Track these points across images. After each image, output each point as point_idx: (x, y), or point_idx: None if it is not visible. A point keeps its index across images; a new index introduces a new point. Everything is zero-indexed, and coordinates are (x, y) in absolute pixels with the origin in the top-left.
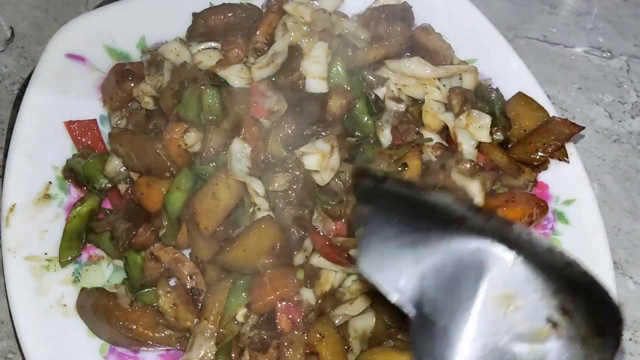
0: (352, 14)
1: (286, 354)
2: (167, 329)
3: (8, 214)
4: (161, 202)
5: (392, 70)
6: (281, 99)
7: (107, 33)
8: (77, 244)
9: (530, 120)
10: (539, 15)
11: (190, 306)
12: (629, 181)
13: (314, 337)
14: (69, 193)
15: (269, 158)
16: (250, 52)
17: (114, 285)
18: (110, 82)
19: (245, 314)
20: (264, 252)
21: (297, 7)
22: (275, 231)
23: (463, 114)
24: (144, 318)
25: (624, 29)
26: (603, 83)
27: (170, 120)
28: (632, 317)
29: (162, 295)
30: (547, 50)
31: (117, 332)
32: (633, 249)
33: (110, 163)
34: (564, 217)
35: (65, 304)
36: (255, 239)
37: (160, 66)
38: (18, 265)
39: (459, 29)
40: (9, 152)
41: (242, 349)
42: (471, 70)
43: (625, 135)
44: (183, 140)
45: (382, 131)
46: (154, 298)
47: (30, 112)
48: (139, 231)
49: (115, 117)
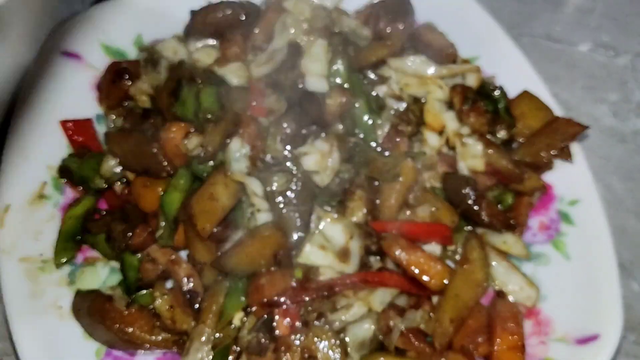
0: (352, 11)
1: (284, 357)
2: (163, 332)
3: (2, 215)
4: (158, 202)
5: (393, 68)
6: (280, 98)
7: (103, 31)
8: (73, 245)
9: (535, 119)
10: (543, 13)
11: (187, 308)
12: (633, 181)
13: (312, 341)
14: (64, 193)
15: (267, 158)
16: (249, 50)
17: (109, 287)
18: (106, 80)
19: (242, 318)
20: (266, 259)
21: (297, 4)
22: (278, 238)
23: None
24: (140, 321)
25: (629, 27)
26: (608, 81)
27: (168, 119)
28: (637, 319)
29: (158, 297)
30: (551, 49)
31: (113, 335)
32: (638, 250)
33: (106, 163)
34: (568, 217)
35: (60, 306)
36: (258, 245)
37: (157, 64)
38: (13, 266)
39: (462, 26)
40: (4, 151)
41: (240, 352)
42: (474, 70)
43: (630, 135)
44: (185, 145)
45: (382, 128)
46: (150, 300)
47: (25, 111)
48: (136, 232)
49: (112, 116)
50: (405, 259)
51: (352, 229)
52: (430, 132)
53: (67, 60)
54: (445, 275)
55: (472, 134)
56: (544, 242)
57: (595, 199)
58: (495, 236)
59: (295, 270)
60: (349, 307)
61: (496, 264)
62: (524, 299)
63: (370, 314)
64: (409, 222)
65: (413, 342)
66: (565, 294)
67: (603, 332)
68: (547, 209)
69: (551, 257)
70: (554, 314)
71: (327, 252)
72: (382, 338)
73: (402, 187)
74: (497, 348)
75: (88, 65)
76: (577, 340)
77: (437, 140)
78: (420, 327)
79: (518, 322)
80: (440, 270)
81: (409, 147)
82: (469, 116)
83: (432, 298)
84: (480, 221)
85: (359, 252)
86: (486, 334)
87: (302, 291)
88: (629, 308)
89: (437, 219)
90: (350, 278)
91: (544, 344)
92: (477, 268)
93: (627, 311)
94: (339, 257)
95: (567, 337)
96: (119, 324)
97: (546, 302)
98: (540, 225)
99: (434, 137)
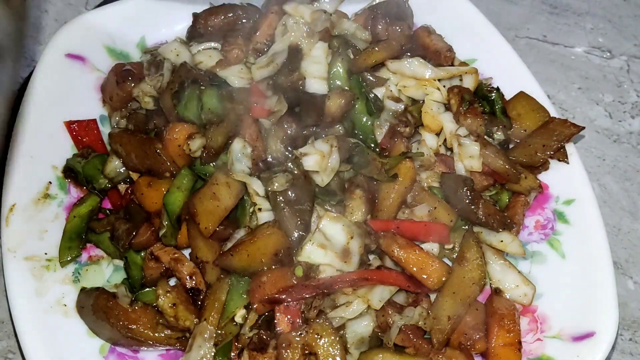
0: (351, 14)
1: (285, 354)
2: (166, 329)
3: (8, 214)
4: (161, 202)
5: (392, 71)
6: (281, 99)
7: (107, 33)
8: (77, 243)
9: (532, 120)
10: (539, 15)
11: (189, 306)
12: (628, 181)
13: (313, 338)
14: (68, 193)
15: (268, 158)
16: (250, 52)
17: (113, 285)
18: (110, 82)
19: (243, 315)
20: (267, 257)
21: (297, 8)
22: (279, 237)
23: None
24: (143, 318)
25: (624, 29)
26: (603, 83)
27: (171, 120)
28: (632, 317)
29: (161, 295)
30: (547, 50)
31: (117, 332)
32: (633, 249)
33: (110, 163)
34: (564, 217)
35: (65, 304)
36: (259, 244)
37: (160, 66)
38: (18, 265)
39: (459, 28)
40: (9, 152)
41: (242, 349)
42: (472, 72)
43: (625, 135)
44: (188, 146)
45: (380, 129)
46: (153, 298)
47: (30, 112)
48: (139, 231)
49: (115, 117)
50: (403, 258)
51: (352, 228)
52: (428, 133)
53: (72, 62)
54: (443, 274)
55: (469, 135)
56: (540, 241)
57: (591, 199)
58: (492, 235)
59: (296, 268)
60: (348, 305)
61: (493, 262)
62: (520, 297)
63: (370, 311)
64: (407, 221)
65: (411, 339)
66: (561, 292)
67: (599, 329)
68: (543, 208)
69: (547, 256)
70: (550, 311)
71: (327, 251)
72: (381, 335)
73: (401, 187)
74: (494, 345)
75: (92, 67)
76: (573, 337)
77: (435, 141)
78: (419, 324)
79: (514, 319)
80: (438, 269)
81: (407, 148)
82: (466, 117)
83: (430, 296)
84: (477, 220)
85: (359, 251)
86: (483, 331)
87: (302, 289)
88: (624, 306)
89: (435, 218)
90: (349, 276)
91: (540, 341)
92: (474, 266)
93: (622, 309)
94: (339, 256)
95: (563, 335)
96: (122, 321)
97: (542, 299)
98: (536, 224)
99: (432, 138)
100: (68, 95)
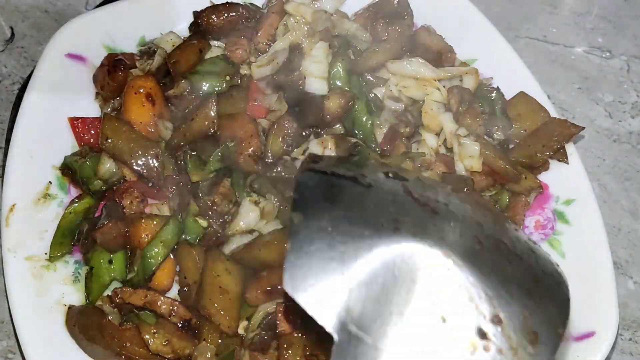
0: (352, 14)
1: (286, 355)
2: None
3: (8, 214)
4: (147, 242)
5: (392, 71)
6: (281, 99)
7: (107, 33)
8: (69, 240)
9: (532, 120)
10: (539, 15)
11: (182, 334)
12: (629, 181)
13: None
14: (69, 193)
15: (268, 157)
16: (251, 51)
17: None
18: (102, 71)
19: (245, 326)
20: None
21: (298, 8)
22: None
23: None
24: (138, 337)
25: (624, 29)
26: (603, 83)
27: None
28: (632, 317)
29: (150, 339)
30: (547, 50)
31: (111, 352)
32: (633, 249)
33: (103, 165)
34: (564, 216)
35: (65, 304)
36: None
37: (152, 55)
38: (18, 265)
39: (459, 28)
40: (9, 151)
41: (243, 350)
42: (472, 72)
43: (625, 135)
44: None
45: (380, 129)
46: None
47: (30, 112)
48: (103, 228)
49: (107, 108)
50: None
51: None
52: (428, 133)
53: (72, 62)
54: None
55: (470, 135)
56: (540, 240)
57: (591, 199)
58: None
59: None
60: None
61: None
62: None
63: None
64: None
65: None
66: None
67: (599, 329)
68: (543, 208)
69: None
70: None
71: None
72: None
73: None
74: None
75: (92, 67)
76: (572, 337)
77: (435, 141)
78: None
79: None
80: None
81: (407, 148)
82: (466, 117)
83: None
84: None
85: None
86: None
87: None
88: (624, 306)
89: None
90: None
91: None
92: None
93: (622, 309)
94: None
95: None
96: (116, 339)
97: None
98: (536, 224)
99: (432, 138)
100: (68, 95)
